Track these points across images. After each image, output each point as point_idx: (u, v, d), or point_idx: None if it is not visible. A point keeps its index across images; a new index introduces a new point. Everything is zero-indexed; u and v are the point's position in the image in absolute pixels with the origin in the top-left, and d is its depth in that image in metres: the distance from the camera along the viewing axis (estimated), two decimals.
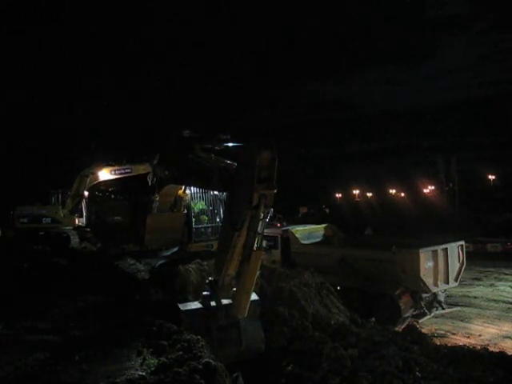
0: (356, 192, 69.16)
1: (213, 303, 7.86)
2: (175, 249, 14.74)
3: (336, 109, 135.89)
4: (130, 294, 11.07)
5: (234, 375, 6.62)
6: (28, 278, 12.83)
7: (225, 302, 7.82)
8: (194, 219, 15.59)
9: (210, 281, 8.07)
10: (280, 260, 16.90)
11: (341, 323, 9.73)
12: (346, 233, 17.64)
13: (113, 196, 15.73)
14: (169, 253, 14.58)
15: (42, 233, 22.63)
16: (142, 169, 15.81)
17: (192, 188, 14.84)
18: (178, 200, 13.84)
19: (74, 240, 19.08)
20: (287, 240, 16.92)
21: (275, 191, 7.12)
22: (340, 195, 71.06)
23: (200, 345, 7.21)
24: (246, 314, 7.58)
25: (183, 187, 13.31)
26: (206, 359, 6.66)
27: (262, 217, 7.14)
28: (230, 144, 8.70)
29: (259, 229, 7.19)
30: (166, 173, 11.20)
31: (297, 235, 16.34)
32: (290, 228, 17.22)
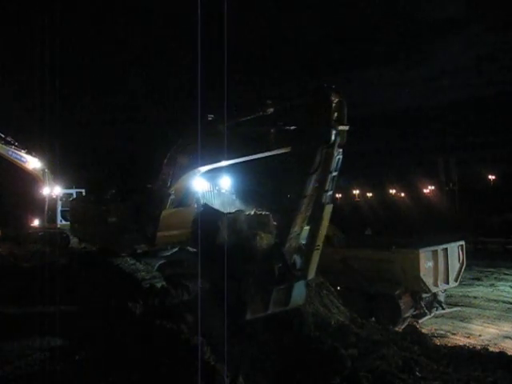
0: (356, 192, 69.16)
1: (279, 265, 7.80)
2: (175, 249, 14.57)
3: None
4: (130, 295, 11.07)
5: (234, 375, 6.62)
6: (27, 277, 12.83)
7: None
8: None
9: (276, 243, 8.04)
10: None
11: (341, 323, 9.73)
12: (345, 233, 17.63)
13: (110, 197, 15.43)
14: (169, 253, 14.44)
15: (41, 233, 22.65)
16: None
17: (203, 187, 14.65)
18: (189, 193, 13.39)
19: (74, 240, 19.08)
20: None
21: (347, 128, 7.52)
22: (340, 195, 71.07)
23: (200, 344, 7.20)
24: (314, 275, 7.76)
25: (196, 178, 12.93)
26: (206, 359, 6.67)
27: (336, 155, 7.46)
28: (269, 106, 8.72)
29: (332, 167, 7.47)
30: (188, 159, 11.17)
31: None
32: None
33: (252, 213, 9.76)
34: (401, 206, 47.57)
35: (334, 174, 7.66)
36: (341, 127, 7.48)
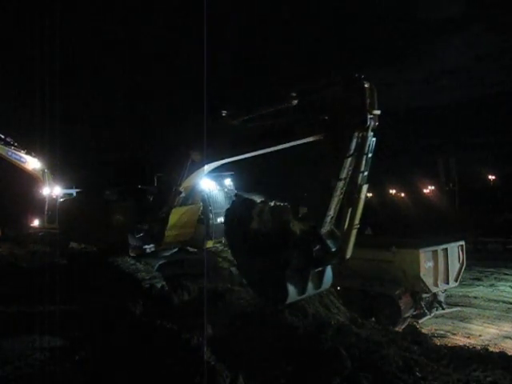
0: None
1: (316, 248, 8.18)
2: (175, 249, 14.55)
3: None
4: (130, 295, 11.07)
5: (234, 375, 6.61)
6: (27, 277, 12.84)
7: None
8: (213, 215, 14.70)
9: (312, 226, 8.40)
10: None
11: (341, 323, 9.72)
12: None
13: (111, 197, 15.20)
14: (168, 253, 14.42)
15: (41, 233, 22.67)
16: None
17: (208, 185, 14.62)
18: (195, 192, 13.25)
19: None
20: None
21: (379, 112, 8.13)
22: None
23: (200, 344, 7.20)
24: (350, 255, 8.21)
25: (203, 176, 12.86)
26: (206, 359, 6.66)
27: (370, 137, 8.06)
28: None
29: (367, 149, 8.07)
30: (201, 155, 11.25)
31: None
32: None
33: (272, 204, 9.94)
34: (401, 205, 47.50)
35: (370, 155, 8.19)
36: (374, 111, 8.05)
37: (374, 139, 8.19)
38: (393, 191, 65.54)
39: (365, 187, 8.19)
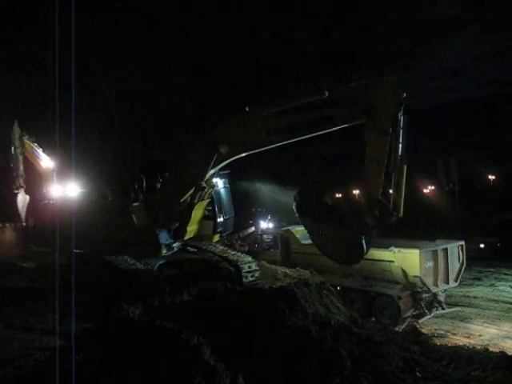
0: (356, 192, 68.88)
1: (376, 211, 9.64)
2: (176, 248, 14.51)
3: None
4: (130, 295, 11.07)
5: (234, 375, 6.61)
6: (27, 277, 12.85)
7: None
8: (223, 210, 14.76)
9: (369, 194, 9.93)
10: (280, 260, 16.91)
11: (341, 323, 9.72)
12: None
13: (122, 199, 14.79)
14: (169, 253, 14.37)
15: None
16: None
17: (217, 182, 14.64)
18: (208, 187, 13.20)
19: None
20: (287, 240, 16.94)
21: (405, 95, 9.81)
22: (340, 195, 70.73)
23: (200, 344, 7.20)
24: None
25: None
26: (206, 359, 6.66)
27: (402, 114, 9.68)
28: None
29: (402, 125, 9.73)
30: (227, 149, 11.69)
31: (297, 235, 16.32)
32: (290, 228, 17.22)
33: None
34: None
35: (405, 129, 9.77)
36: (404, 94, 9.75)
37: (405, 116, 9.82)
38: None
39: (405, 155, 9.74)
